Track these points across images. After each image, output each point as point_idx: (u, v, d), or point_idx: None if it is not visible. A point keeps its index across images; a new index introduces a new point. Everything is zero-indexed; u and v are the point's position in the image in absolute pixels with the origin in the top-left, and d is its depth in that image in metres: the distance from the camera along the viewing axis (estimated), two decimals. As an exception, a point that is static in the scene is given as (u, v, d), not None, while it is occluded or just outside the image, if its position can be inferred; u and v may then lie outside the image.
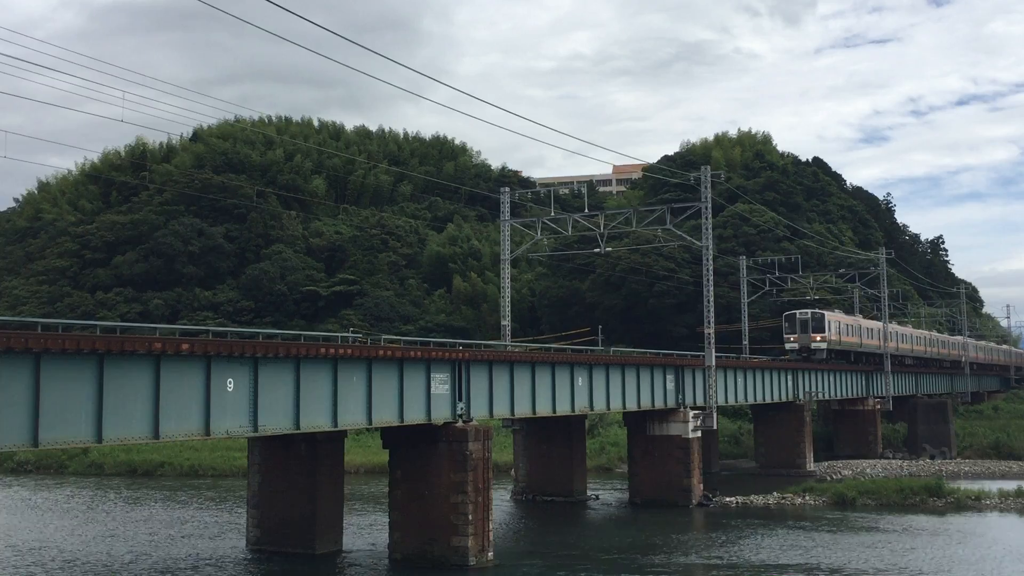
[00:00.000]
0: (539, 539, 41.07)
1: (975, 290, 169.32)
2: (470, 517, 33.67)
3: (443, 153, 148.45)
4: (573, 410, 43.46)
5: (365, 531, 42.18)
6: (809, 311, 74.67)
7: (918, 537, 40.69)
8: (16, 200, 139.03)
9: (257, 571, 34.44)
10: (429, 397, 34.17)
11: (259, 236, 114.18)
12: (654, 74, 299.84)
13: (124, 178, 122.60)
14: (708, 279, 52.03)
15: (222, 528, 43.36)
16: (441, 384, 34.67)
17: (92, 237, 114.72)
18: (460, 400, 35.46)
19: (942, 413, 79.91)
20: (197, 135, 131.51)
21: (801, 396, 67.93)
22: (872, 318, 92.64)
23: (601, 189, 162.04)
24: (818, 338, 72.66)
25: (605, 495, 55.93)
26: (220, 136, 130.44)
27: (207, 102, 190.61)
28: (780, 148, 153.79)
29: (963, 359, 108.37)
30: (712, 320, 52.13)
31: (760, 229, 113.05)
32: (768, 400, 63.97)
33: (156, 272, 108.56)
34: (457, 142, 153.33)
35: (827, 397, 74.39)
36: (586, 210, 59.14)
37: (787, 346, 73.99)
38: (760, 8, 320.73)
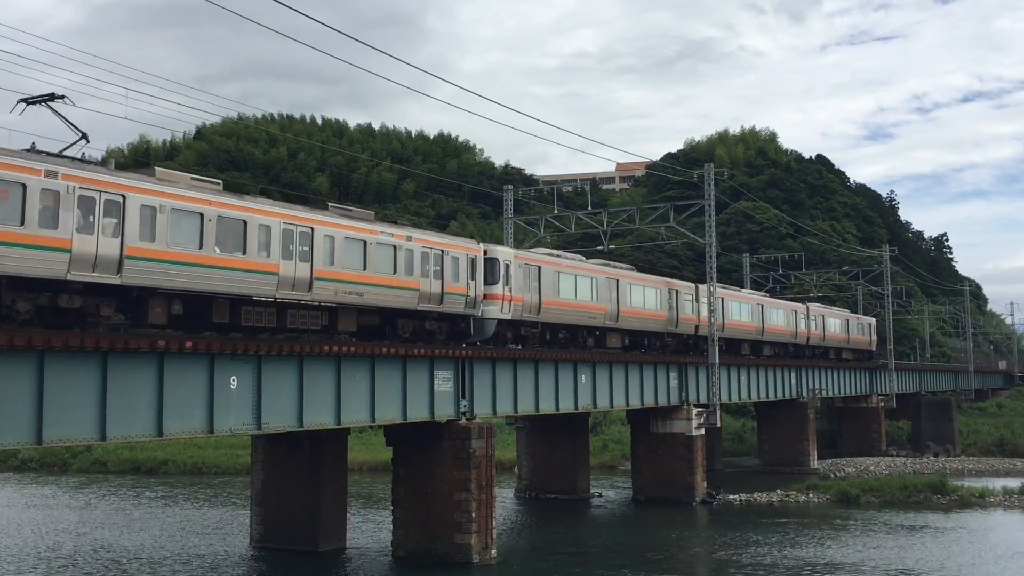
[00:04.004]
0: (542, 537, 41.08)
1: (979, 288, 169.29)
2: (473, 515, 33.67)
3: (446, 151, 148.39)
4: (576, 408, 43.45)
5: (368, 529, 42.23)
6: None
7: (922, 535, 40.66)
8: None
9: (260, 568, 34.48)
10: (432, 395, 34.18)
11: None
12: (659, 71, 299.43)
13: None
14: (711, 276, 52.01)
15: (225, 525, 43.41)
16: (444, 382, 34.68)
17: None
18: (463, 398, 35.48)
19: (946, 410, 79.92)
20: (200, 133, 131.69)
21: (805, 394, 67.92)
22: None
23: (604, 187, 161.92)
24: None
25: (608, 493, 55.94)
26: (223, 134, 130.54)
27: (210, 99, 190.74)
28: (784, 145, 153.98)
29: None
30: (715, 318, 52.08)
31: (763, 226, 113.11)
32: (772, 397, 63.95)
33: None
34: (461, 139, 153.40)
35: (831, 395, 74.35)
36: (589, 208, 59.10)
37: None
38: (766, 6, 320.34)
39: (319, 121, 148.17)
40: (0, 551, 36.80)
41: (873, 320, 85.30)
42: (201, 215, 25.10)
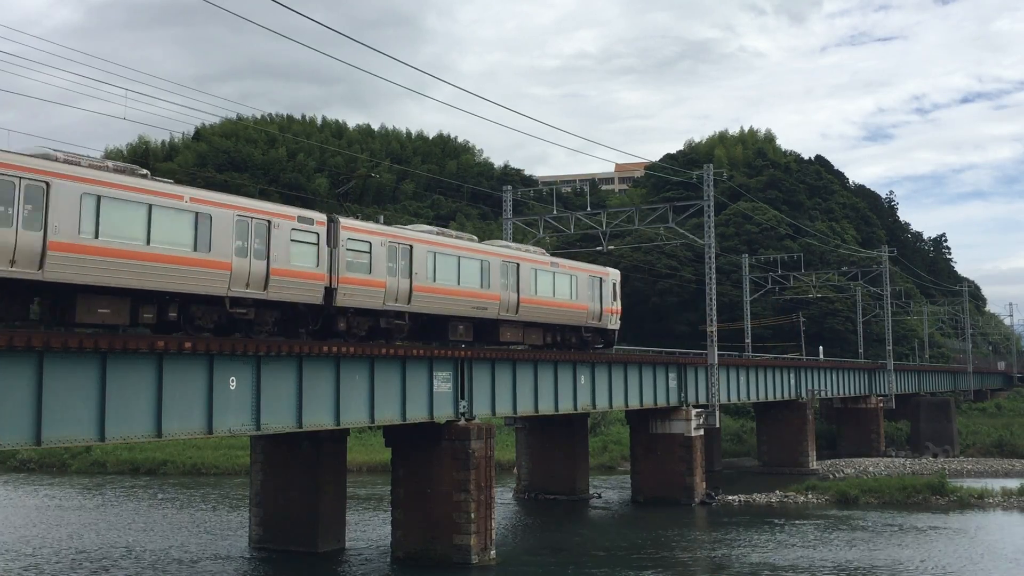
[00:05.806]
0: (541, 537, 41.09)
1: (978, 288, 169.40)
2: (472, 515, 33.67)
3: (446, 151, 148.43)
4: (575, 408, 43.45)
5: (367, 529, 42.22)
6: None
7: (921, 535, 40.67)
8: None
9: (259, 569, 34.47)
10: (431, 395, 34.18)
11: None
12: (659, 72, 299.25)
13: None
14: (711, 277, 52.05)
15: (224, 526, 43.38)
16: (443, 382, 34.68)
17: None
18: (462, 398, 35.48)
19: (945, 411, 79.98)
20: (199, 133, 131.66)
21: (804, 394, 67.94)
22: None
23: (604, 187, 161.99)
24: None
25: (607, 493, 55.93)
26: (222, 134, 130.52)
27: (209, 100, 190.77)
28: (783, 146, 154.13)
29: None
30: (715, 318, 52.14)
31: (762, 227, 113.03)
32: (771, 398, 63.97)
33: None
34: (460, 140, 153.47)
35: (830, 395, 74.36)
36: (588, 208, 59.14)
37: None
38: (766, 7, 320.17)
39: (318, 121, 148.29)
40: (31, 551, 36.83)
41: (611, 272, 44.84)
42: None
